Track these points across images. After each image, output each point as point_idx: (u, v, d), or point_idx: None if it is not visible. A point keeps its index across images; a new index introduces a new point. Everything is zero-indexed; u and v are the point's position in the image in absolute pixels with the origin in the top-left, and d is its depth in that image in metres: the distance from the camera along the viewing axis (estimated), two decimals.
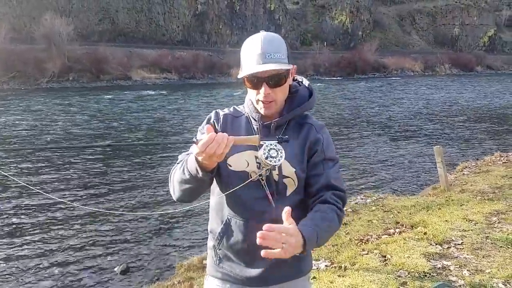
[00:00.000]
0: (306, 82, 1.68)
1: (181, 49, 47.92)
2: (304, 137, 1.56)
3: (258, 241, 1.16)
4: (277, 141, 1.42)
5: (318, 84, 36.67)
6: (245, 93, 1.60)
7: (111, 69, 38.55)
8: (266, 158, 1.41)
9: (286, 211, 1.25)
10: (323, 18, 67.68)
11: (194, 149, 1.41)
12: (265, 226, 1.18)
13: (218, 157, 1.33)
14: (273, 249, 1.17)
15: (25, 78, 34.55)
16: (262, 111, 1.54)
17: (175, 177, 1.52)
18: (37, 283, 5.26)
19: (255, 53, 1.46)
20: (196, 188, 1.47)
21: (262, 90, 1.48)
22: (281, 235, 1.18)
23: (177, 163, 1.56)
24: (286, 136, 1.44)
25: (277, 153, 1.42)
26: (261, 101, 1.51)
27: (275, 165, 1.43)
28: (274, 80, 1.48)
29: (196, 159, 1.36)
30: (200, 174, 1.38)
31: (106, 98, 26.90)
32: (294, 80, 1.65)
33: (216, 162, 1.37)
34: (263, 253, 1.17)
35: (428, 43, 78.53)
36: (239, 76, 1.52)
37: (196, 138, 1.38)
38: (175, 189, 1.53)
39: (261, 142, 1.41)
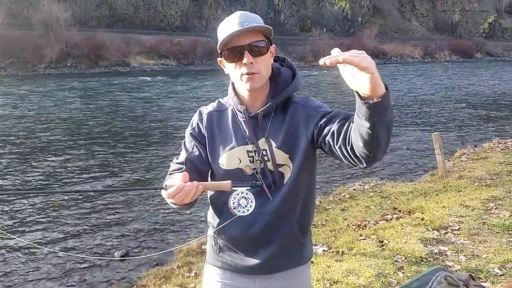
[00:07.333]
0: (288, 61, 1.62)
1: (179, 35, 47.59)
2: (291, 118, 1.50)
3: (320, 61, 1.13)
4: (249, 187, 1.41)
5: (316, 72, 36.46)
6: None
7: (109, 55, 38.34)
8: (234, 208, 1.40)
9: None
10: (322, 3, 67.02)
11: (163, 193, 1.37)
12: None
13: (188, 200, 1.33)
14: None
15: (23, 64, 34.42)
16: (247, 86, 1.45)
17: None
18: (36, 269, 5.28)
19: (232, 24, 1.42)
20: (184, 206, 1.45)
21: (244, 60, 1.41)
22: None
23: (169, 174, 1.55)
24: (259, 182, 1.45)
25: (247, 202, 1.40)
26: (245, 74, 1.43)
27: (243, 216, 1.41)
28: (255, 47, 1.42)
29: None
30: (179, 205, 1.39)
31: (104, 85, 26.75)
32: (276, 60, 1.59)
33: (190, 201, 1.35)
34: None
35: (428, 30, 78.04)
36: (219, 50, 1.48)
37: (165, 184, 1.35)
38: (168, 202, 1.53)
39: (233, 188, 1.38)
